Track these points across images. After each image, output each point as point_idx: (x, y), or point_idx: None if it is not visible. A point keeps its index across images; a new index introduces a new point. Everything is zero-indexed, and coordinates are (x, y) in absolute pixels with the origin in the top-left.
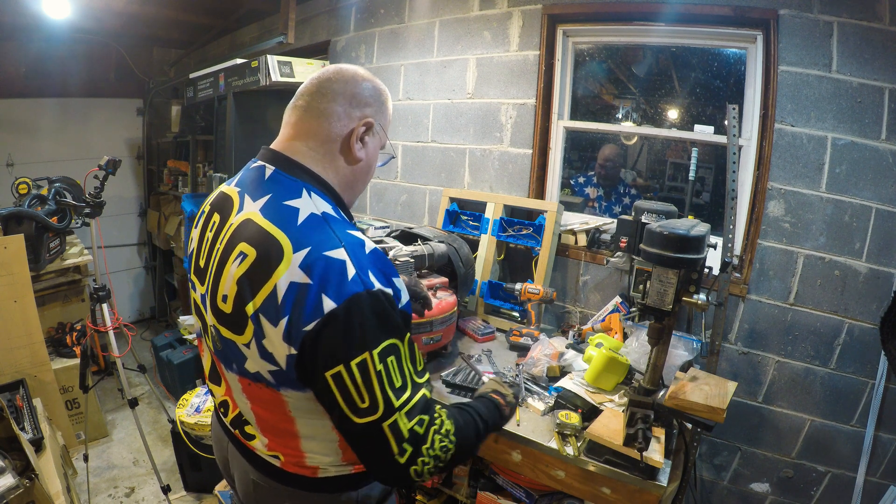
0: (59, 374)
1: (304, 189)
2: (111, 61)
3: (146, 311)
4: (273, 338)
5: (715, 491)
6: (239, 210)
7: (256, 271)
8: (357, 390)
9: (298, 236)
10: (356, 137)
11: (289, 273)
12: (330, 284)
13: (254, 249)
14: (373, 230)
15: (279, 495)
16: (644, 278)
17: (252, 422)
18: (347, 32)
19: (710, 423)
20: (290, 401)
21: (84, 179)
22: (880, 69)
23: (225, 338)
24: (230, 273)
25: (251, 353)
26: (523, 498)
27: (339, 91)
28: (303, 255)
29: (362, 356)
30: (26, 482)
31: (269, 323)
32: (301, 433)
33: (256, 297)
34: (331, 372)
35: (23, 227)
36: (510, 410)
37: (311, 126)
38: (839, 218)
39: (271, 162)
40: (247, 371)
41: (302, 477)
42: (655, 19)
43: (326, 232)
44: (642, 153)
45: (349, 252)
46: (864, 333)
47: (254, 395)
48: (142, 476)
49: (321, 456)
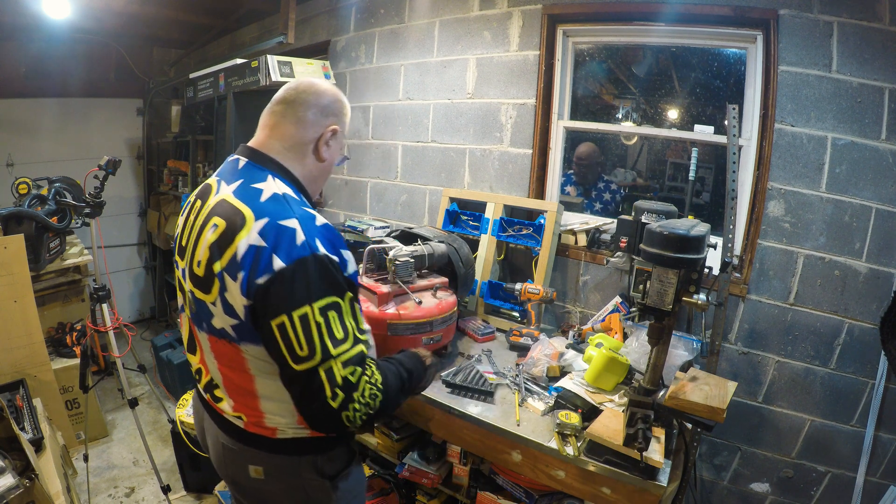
0: (59, 374)
1: (269, 175)
2: (111, 61)
3: (146, 311)
4: (233, 291)
5: (715, 491)
6: (216, 194)
7: (224, 237)
8: (297, 339)
9: (260, 209)
10: (324, 141)
11: (248, 237)
12: (281, 247)
13: (223, 220)
14: (373, 230)
15: (244, 457)
16: (644, 278)
17: (220, 384)
18: (347, 32)
19: (710, 423)
20: (248, 358)
21: (84, 179)
22: (880, 69)
23: (198, 299)
24: (204, 241)
25: (217, 310)
26: (523, 498)
27: (313, 102)
28: (262, 223)
29: (304, 309)
30: (26, 482)
31: (231, 278)
32: (260, 393)
33: (223, 258)
34: (276, 321)
35: (23, 227)
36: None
37: (289, 130)
38: (839, 218)
39: (246, 156)
40: (213, 328)
41: (263, 437)
42: (655, 19)
43: (283, 206)
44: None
45: (301, 222)
46: (864, 333)
47: (220, 353)
48: (142, 476)
49: (278, 417)
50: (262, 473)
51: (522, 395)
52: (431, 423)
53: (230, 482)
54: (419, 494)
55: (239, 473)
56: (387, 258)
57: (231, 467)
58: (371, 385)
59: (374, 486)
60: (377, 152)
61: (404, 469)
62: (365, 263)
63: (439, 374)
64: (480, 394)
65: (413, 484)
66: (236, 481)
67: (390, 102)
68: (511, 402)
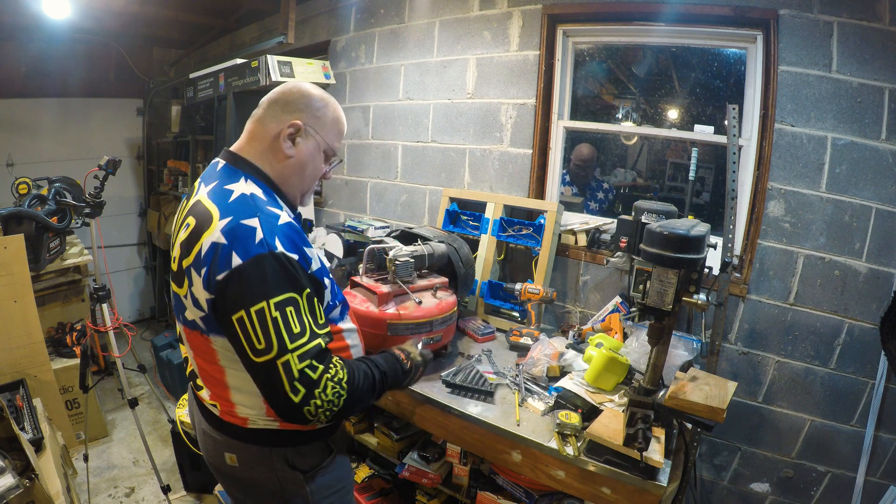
0: (59, 374)
1: (242, 176)
2: (111, 61)
3: (146, 311)
4: (197, 285)
5: (715, 491)
6: (195, 195)
7: (192, 235)
8: (255, 332)
9: (226, 208)
10: (283, 137)
11: (212, 235)
12: (239, 245)
13: (194, 219)
14: (373, 230)
15: (221, 445)
16: (644, 278)
17: (198, 373)
18: (347, 32)
19: (710, 423)
20: (217, 349)
21: (84, 179)
22: (880, 69)
23: (174, 293)
24: (179, 239)
25: (188, 303)
26: (523, 498)
27: (276, 100)
28: (225, 222)
29: (260, 304)
30: (26, 482)
31: (196, 274)
32: (230, 384)
33: (190, 255)
34: (235, 316)
35: (23, 227)
36: (414, 367)
37: (255, 129)
38: (839, 218)
39: (224, 158)
40: (186, 319)
41: (235, 426)
42: (655, 19)
43: (248, 205)
44: (642, 153)
45: (262, 221)
46: (864, 333)
47: (194, 344)
48: (142, 476)
49: (247, 408)
50: (237, 461)
51: (522, 395)
52: (431, 423)
53: (212, 468)
54: (419, 494)
55: (218, 460)
56: (387, 258)
57: (211, 454)
58: (334, 384)
59: (374, 486)
60: (377, 152)
61: (404, 469)
62: (365, 263)
63: (439, 374)
64: (480, 394)
65: (413, 484)
66: (217, 468)
67: (390, 102)
68: (511, 402)
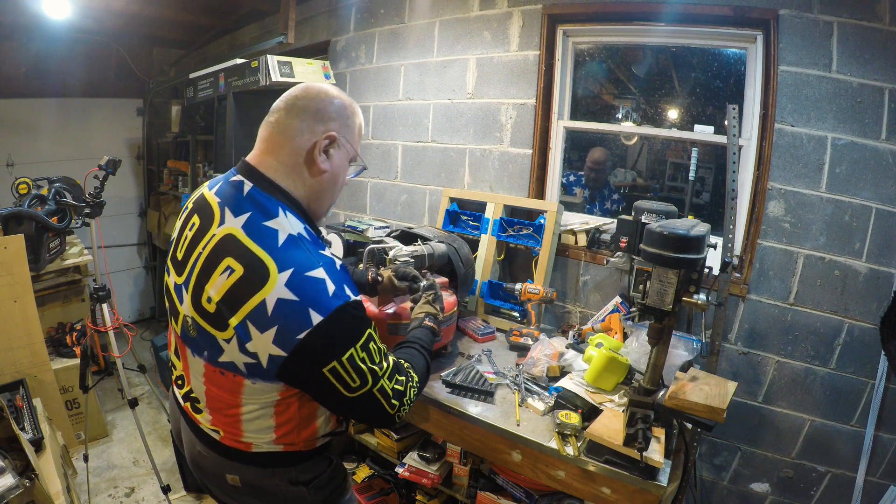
0: (59, 374)
1: (279, 209)
2: (111, 61)
3: (146, 311)
4: (259, 341)
5: (715, 491)
6: (221, 222)
7: (245, 286)
8: (349, 376)
9: (282, 258)
10: (319, 150)
11: (276, 291)
12: (313, 301)
13: (241, 266)
14: (373, 230)
15: (219, 465)
16: (644, 278)
17: (202, 401)
18: (347, 32)
19: (710, 423)
20: (248, 388)
21: (84, 179)
22: (880, 69)
23: (204, 330)
24: (217, 283)
25: (230, 347)
26: (523, 498)
27: (304, 107)
28: (287, 275)
29: (350, 351)
30: (26, 482)
31: (256, 329)
32: (244, 417)
33: (246, 307)
34: (326, 368)
35: (23, 227)
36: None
37: (279, 141)
38: (839, 218)
39: (248, 177)
40: (217, 359)
41: (238, 451)
42: (655, 19)
43: (304, 253)
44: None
45: (326, 271)
46: (864, 333)
47: (213, 380)
48: (142, 476)
49: (255, 436)
50: (239, 482)
51: (522, 395)
52: (431, 423)
53: (210, 485)
54: (419, 494)
55: (218, 480)
56: (387, 258)
57: (208, 473)
58: (414, 387)
59: (374, 486)
60: (377, 152)
61: (404, 469)
62: (365, 263)
63: (439, 374)
64: (480, 394)
65: (413, 484)
66: (217, 485)
67: (390, 102)
68: (511, 402)
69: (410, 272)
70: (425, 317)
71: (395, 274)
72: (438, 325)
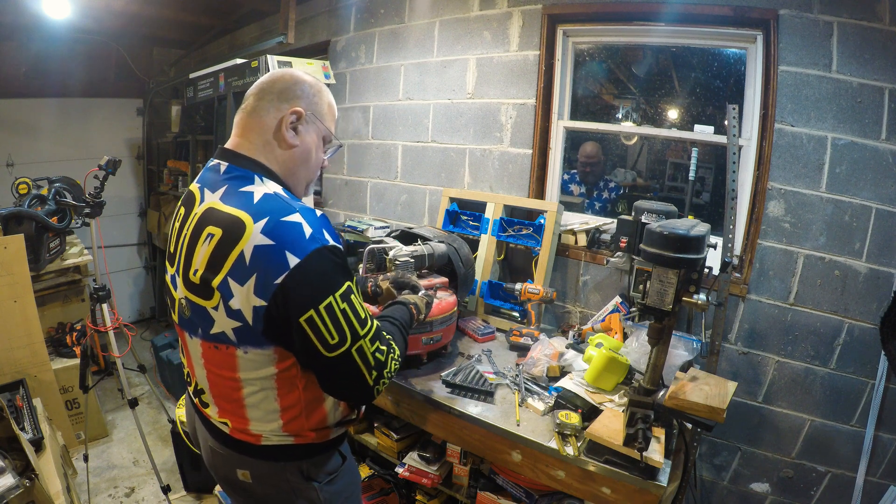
0: (59, 374)
1: (255, 176)
2: (111, 61)
3: (146, 311)
4: (242, 295)
5: (715, 491)
6: (201, 202)
7: (223, 244)
8: (327, 329)
9: (257, 210)
10: (286, 126)
11: (252, 239)
12: (290, 243)
13: (220, 229)
14: (373, 230)
15: (230, 461)
16: (644, 278)
17: (206, 389)
18: (347, 32)
19: (710, 423)
20: (241, 362)
21: (84, 179)
22: (880, 69)
23: (195, 304)
24: (201, 253)
25: (218, 315)
26: (523, 498)
27: (269, 89)
28: (263, 223)
29: (328, 299)
30: (26, 482)
31: (237, 283)
32: (246, 402)
33: (226, 265)
34: (304, 317)
35: (23, 227)
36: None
37: (250, 123)
38: (839, 218)
39: (224, 159)
40: (209, 333)
41: (247, 444)
42: (655, 19)
43: (281, 202)
44: (642, 153)
45: (303, 216)
46: (864, 333)
47: (210, 359)
48: (142, 476)
49: (262, 424)
50: (250, 477)
51: (522, 395)
52: (431, 424)
53: (222, 481)
54: (419, 494)
55: (230, 476)
56: (387, 258)
57: (221, 469)
58: (395, 360)
59: (374, 486)
60: (377, 152)
61: (404, 469)
62: (365, 263)
63: (439, 374)
64: (480, 394)
65: (413, 484)
66: (229, 483)
67: (390, 102)
68: (511, 402)
69: (409, 281)
70: (412, 303)
71: (394, 284)
72: (418, 319)
